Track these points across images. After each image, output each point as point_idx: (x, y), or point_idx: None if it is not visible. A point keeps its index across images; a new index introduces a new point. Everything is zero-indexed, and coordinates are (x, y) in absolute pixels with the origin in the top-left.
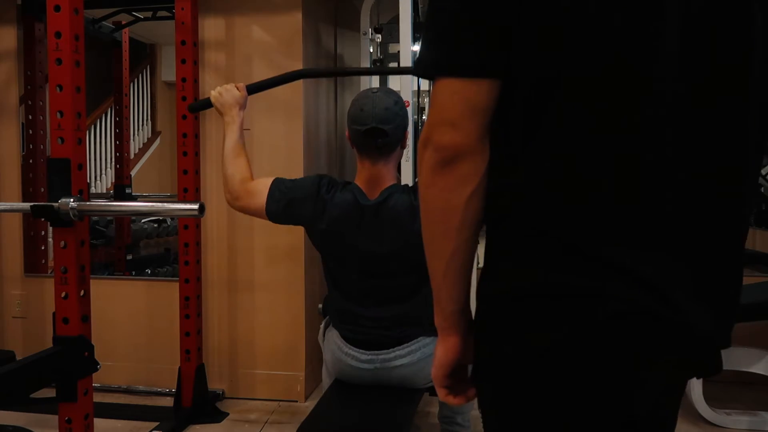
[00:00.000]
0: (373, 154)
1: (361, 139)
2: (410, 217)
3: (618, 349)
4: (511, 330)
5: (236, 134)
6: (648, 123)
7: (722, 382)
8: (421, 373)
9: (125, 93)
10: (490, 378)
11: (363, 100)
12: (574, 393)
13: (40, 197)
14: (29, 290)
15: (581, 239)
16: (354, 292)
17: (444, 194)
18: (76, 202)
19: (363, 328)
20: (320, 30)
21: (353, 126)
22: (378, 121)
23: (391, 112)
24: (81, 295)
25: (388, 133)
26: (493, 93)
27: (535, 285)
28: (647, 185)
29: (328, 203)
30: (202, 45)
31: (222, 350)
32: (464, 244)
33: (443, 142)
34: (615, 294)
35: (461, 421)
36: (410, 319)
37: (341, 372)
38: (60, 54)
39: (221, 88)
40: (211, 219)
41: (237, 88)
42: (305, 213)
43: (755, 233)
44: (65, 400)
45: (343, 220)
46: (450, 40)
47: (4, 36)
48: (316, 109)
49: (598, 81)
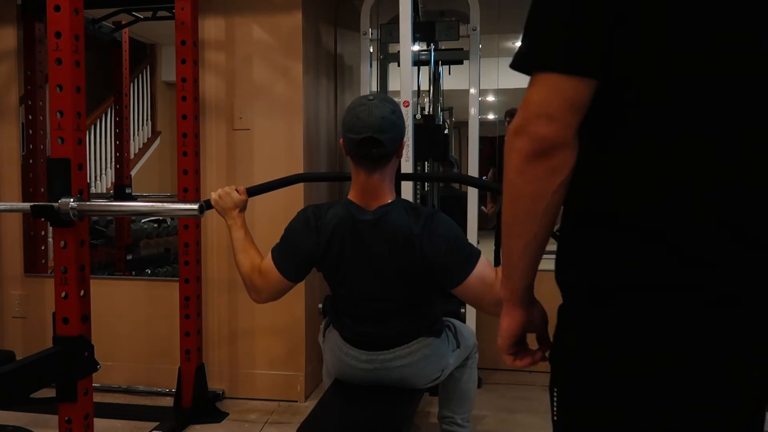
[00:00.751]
0: (368, 164)
1: (355, 149)
2: (407, 244)
3: (724, 346)
4: (610, 325)
5: (241, 234)
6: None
7: None
8: (421, 373)
9: (125, 93)
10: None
11: (358, 108)
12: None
13: (40, 197)
14: (29, 290)
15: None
16: (351, 309)
17: (535, 182)
18: (76, 202)
19: (363, 327)
20: (320, 30)
21: (348, 135)
22: (374, 131)
23: (388, 121)
24: (81, 295)
25: (384, 143)
26: (590, 91)
27: (633, 279)
28: None
29: (321, 227)
30: (202, 45)
31: (222, 350)
32: (545, 228)
33: (540, 133)
34: (721, 289)
35: (461, 421)
36: (409, 329)
37: (341, 372)
38: (60, 54)
39: (221, 191)
40: (211, 219)
41: (237, 191)
42: (307, 251)
43: None
44: (65, 400)
45: (340, 236)
46: (554, 38)
47: (4, 36)
48: (316, 109)
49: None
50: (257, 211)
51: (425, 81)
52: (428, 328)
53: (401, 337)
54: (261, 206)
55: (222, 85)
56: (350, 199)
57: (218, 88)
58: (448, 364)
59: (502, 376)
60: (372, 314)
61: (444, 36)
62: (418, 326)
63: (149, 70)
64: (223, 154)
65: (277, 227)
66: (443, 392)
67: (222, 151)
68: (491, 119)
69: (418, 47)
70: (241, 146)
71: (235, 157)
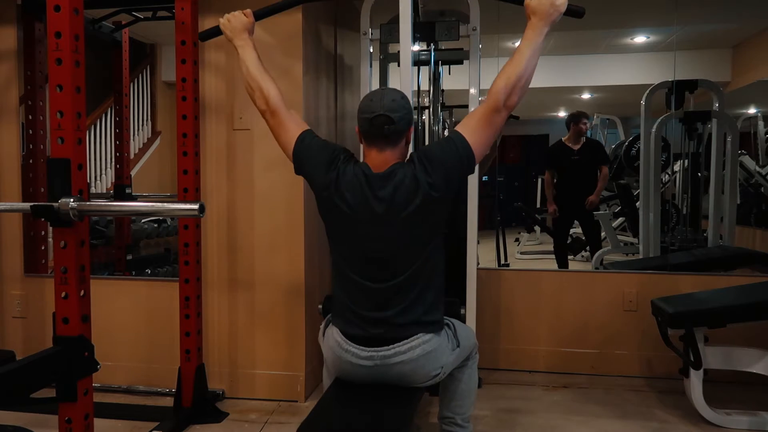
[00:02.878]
0: (380, 141)
1: (368, 126)
2: (414, 183)
3: None
4: None
5: (254, 54)
6: None
7: (722, 382)
8: (420, 370)
9: (125, 93)
10: None
11: (372, 94)
12: None
13: (40, 197)
14: (29, 290)
15: None
16: (356, 290)
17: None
18: (76, 202)
19: (363, 323)
20: (320, 30)
21: (362, 115)
22: (385, 110)
23: (398, 103)
24: (81, 295)
25: (395, 121)
26: None
27: None
28: None
29: (340, 170)
30: (202, 45)
31: (222, 350)
32: None
33: None
34: None
35: (461, 421)
36: (410, 317)
37: (341, 369)
38: (60, 54)
39: (229, 15)
40: (211, 219)
41: (244, 14)
42: (319, 173)
43: (755, 233)
44: (65, 400)
45: (352, 189)
46: None
47: (4, 36)
48: (316, 109)
49: None
50: (257, 209)
51: (425, 81)
52: (427, 325)
53: (401, 334)
54: (261, 204)
55: (222, 85)
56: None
57: (218, 88)
58: (448, 362)
59: (502, 376)
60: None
61: (444, 36)
62: (418, 312)
63: (149, 70)
64: (223, 154)
65: (277, 221)
66: (443, 392)
67: (222, 151)
68: None
69: (418, 47)
70: (241, 146)
71: (235, 157)
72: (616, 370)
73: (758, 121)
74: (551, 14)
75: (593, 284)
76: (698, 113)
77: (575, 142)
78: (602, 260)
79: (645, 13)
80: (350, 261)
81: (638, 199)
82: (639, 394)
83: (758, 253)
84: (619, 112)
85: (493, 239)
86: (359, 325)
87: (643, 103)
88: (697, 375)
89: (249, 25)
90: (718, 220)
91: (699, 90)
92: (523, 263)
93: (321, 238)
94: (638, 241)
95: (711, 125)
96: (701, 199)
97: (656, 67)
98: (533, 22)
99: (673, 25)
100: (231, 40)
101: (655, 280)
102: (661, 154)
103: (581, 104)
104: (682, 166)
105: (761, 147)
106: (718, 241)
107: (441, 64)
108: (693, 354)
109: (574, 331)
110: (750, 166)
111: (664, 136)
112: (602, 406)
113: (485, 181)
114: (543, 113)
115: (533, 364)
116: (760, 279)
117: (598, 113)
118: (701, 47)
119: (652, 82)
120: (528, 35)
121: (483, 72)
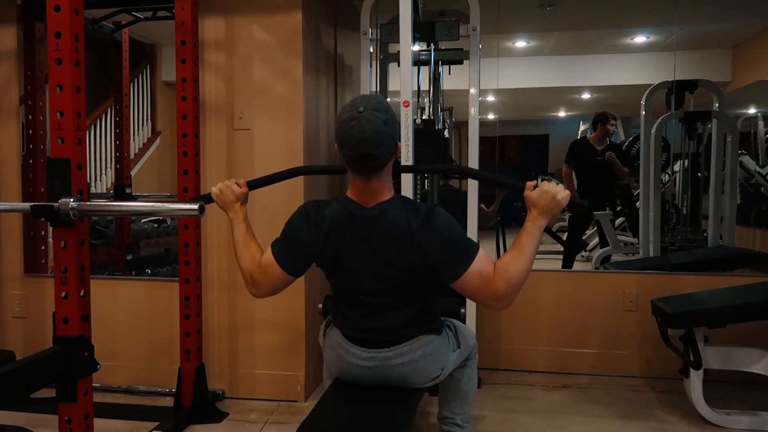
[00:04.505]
0: (365, 173)
1: (351, 163)
2: (406, 240)
3: None
4: None
5: (242, 228)
6: None
7: (722, 382)
8: (421, 371)
9: (125, 93)
10: None
11: (350, 123)
12: None
13: (40, 197)
14: (29, 290)
15: None
16: (353, 301)
17: None
18: (76, 202)
19: (364, 327)
20: (320, 30)
21: (342, 150)
22: (368, 147)
23: (380, 135)
24: (81, 295)
25: (379, 156)
26: None
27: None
28: None
29: (320, 221)
30: (202, 45)
31: (222, 350)
32: None
33: None
34: None
35: (461, 422)
36: (409, 324)
37: (341, 370)
38: (60, 54)
39: (222, 185)
40: (211, 219)
41: (237, 185)
42: (307, 244)
43: (755, 233)
44: (65, 400)
45: (338, 231)
46: None
47: (4, 36)
48: (316, 109)
49: None
50: (257, 209)
51: (425, 81)
52: (428, 325)
53: (401, 333)
54: (261, 204)
55: (222, 85)
56: (349, 197)
57: (218, 88)
58: (449, 363)
59: (502, 376)
60: (372, 309)
61: (444, 36)
62: (418, 322)
63: (149, 70)
64: (223, 154)
65: (276, 224)
66: (443, 393)
67: (222, 151)
68: (491, 119)
69: (418, 47)
70: (241, 146)
71: (235, 157)
72: (616, 370)
73: (758, 121)
74: (552, 209)
75: (593, 284)
76: (698, 113)
77: (600, 143)
78: (602, 260)
79: (645, 13)
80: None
81: (638, 199)
82: (639, 394)
83: (758, 253)
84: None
85: (493, 239)
86: (359, 325)
87: (643, 103)
88: (697, 375)
89: (241, 196)
90: (718, 220)
91: (699, 90)
92: None
93: None
94: (638, 241)
95: (711, 125)
96: (701, 199)
97: (656, 67)
98: (534, 215)
99: (673, 25)
100: (223, 210)
101: (655, 280)
102: (661, 154)
103: (581, 104)
104: (682, 166)
105: (761, 147)
106: (718, 241)
107: (441, 64)
108: (693, 354)
109: (574, 331)
110: (750, 166)
111: (664, 136)
112: (602, 406)
113: None
114: (543, 113)
115: (533, 364)
116: (760, 279)
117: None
118: (701, 47)
119: (652, 82)
120: (528, 228)
121: (483, 72)
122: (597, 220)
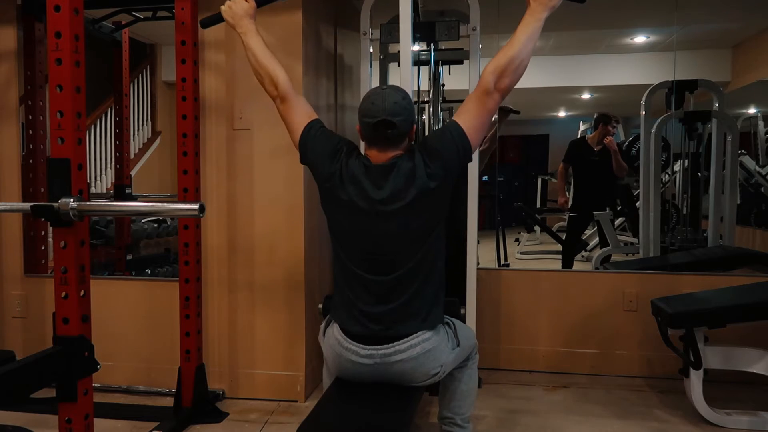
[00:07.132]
0: (382, 143)
1: (371, 131)
2: (413, 174)
3: None
4: None
5: (259, 39)
6: None
7: (722, 382)
8: (420, 368)
9: (125, 93)
10: None
11: (373, 96)
12: None
13: (40, 197)
14: (29, 290)
15: None
16: (357, 284)
17: None
18: (76, 202)
19: (365, 319)
20: (320, 30)
21: (364, 119)
22: (387, 114)
23: (400, 106)
24: (81, 295)
25: (397, 125)
26: None
27: None
28: None
29: (343, 167)
30: (202, 45)
31: (222, 350)
32: None
33: None
34: None
35: (461, 421)
36: (410, 313)
37: (341, 368)
38: (60, 54)
39: (230, 2)
40: (211, 219)
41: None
42: (323, 164)
43: (755, 233)
44: (65, 400)
45: (353, 182)
46: None
47: (4, 36)
48: (316, 109)
49: None
50: (257, 209)
51: (425, 81)
52: (428, 322)
53: (401, 332)
54: (261, 204)
55: (222, 85)
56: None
57: (218, 88)
58: (448, 361)
59: (502, 376)
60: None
61: (444, 36)
62: (418, 306)
63: (149, 70)
64: (223, 154)
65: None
66: (443, 393)
67: (222, 151)
68: None
69: (418, 47)
70: (241, 146)
71: (235, 157)
72: (616, 370)
73: (758, 121)
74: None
75: (593, 284)
76: (698, 113)
77: (598, 143)
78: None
79: (645, 13)
80: (351, 254)
81: (638, 199)
82: (639, 394)
83: (758, 253)
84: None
85: (493, 239)
86: (360, 321)
87: (643, 103)
88: (697, 375)
89: (250, 10)
90: (718, 220)
91: (699, 90)
92: (523, 263)
93: (321, 238)
94: (638, 241)
95: (711, 125)
96: (701, 199)
97: (656, 67)
98: (533, 8)
99: (673, 25)
100: (233, 26)
101: (655, 280)
102: (661, 154)
103: (581, 104)
104: (682, 166)
105: (761, 147)
106: (718, 241)
107: (441, 64)
108: (693, 354)
109: (574, 331)
110: (750, 166)
111: (664, 136)
112: (602, 406)
113: (485, 181)
114: (543, 113)
115: (533, 364)
116: (760, 279)
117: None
118: (701, 47)
119: (652, 82)
120: (525, 19)
121: None
122: (597, 220)
